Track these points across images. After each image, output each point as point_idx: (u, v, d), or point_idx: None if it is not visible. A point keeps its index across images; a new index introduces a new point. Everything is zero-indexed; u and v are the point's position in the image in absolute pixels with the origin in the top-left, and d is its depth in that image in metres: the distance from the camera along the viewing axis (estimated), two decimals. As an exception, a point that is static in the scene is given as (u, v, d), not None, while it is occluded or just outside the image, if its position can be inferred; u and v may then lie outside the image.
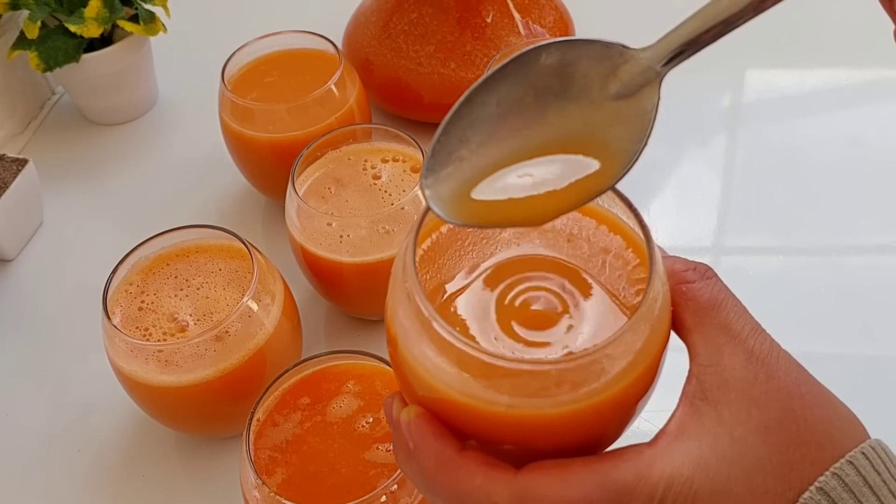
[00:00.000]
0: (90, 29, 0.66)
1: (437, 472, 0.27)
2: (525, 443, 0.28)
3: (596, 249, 0.31)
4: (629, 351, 0.27)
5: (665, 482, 0.26)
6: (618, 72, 0.28)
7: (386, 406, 0.31)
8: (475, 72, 0.66)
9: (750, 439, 0.26)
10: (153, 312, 0.47)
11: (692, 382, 0.28)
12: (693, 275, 0.30)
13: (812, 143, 0.67)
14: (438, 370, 0.27)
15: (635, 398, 0.28)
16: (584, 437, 0.28)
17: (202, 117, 0.70)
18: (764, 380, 0.27)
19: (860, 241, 0.59)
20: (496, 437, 0.28)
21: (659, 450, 0.27)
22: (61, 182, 0.69)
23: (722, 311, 0.29)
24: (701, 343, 0.28)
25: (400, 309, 0.28)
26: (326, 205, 0.52)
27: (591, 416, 0.27)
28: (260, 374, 0.46)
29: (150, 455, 0.51)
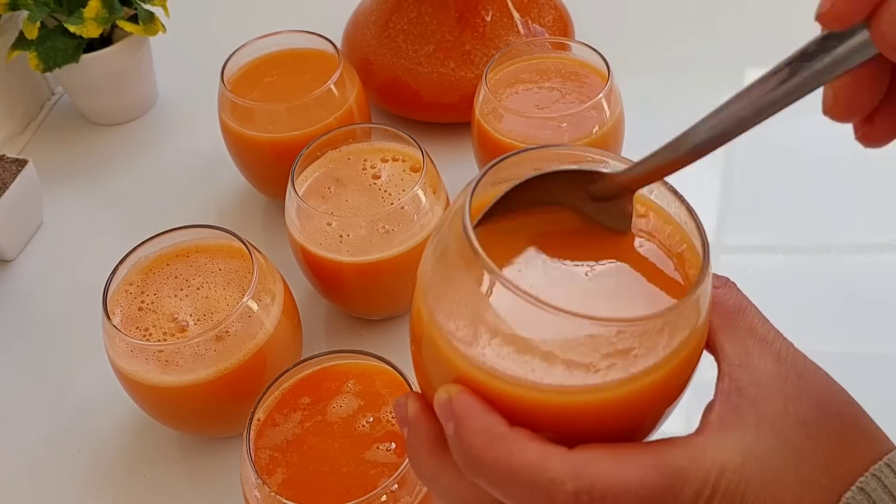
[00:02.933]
0: (89, 29, 0.66)
1: (486, 447, 0.26)
2: (567, 429, 0.27)
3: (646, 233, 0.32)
4: (686, 325, 0.27)
5: (718, 468, 0.26)
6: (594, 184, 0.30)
7: (398, 408, 0.30)
8: (475, 71, 0.66)
9: (791, 433, 0.27)
10: (153, 312, 0.47)
11: (725, 380, 0.28)
12: (717, 281, 0.30)
13: (812, 143, 0.67)
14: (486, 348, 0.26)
15: (680, 384, 0.28)
16: (625, 426, 0.28)
17: (202, 117, 0.70)
18: (795, 378, 0.28)
19: (860, 239, 0.59)
20: (538, 422, 0.27)
21: (708, 438, 0.27)
22: (61, 182, 0.69)
23: (747, 315, 0.29)
24: (729, 344, 0.29)
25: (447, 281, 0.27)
26: (326, 204, 0.52)
27: (637, 400, 0.27)
28: (260, 374, 0.46)
29: (150, 455, 0.51)
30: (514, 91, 0.58)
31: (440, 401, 0.27)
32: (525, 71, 0.60)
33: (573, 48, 0.60)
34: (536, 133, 0.55)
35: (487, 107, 0.57)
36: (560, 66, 0.59)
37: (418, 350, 0.30)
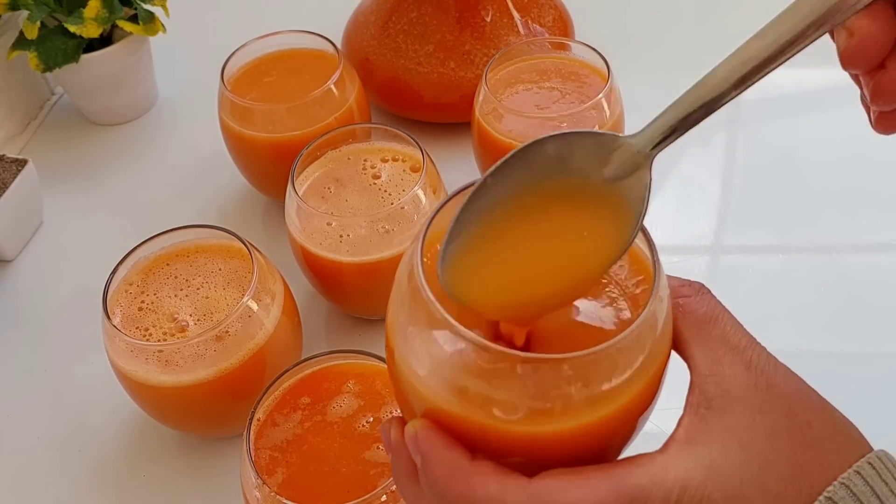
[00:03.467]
0: (89, 29, 0.66)
1: (448, 481, 0.27)
2: (534, 455, 0.27)
3: None
4: (640, 350, 0.27)
5: (679, 485, 0.26)
6: (610, 158, 0.29)
7: (384, 432, 0.31)
8: (474, 71, 0.66)
9: (757, 444, 0.27)
10: (153, 312, 0.47)
11: (695, 392, 0.28)
12: (688, 290, 0.30)
13: (812, 143, 0.67)
14: (445, 379, 0.27)
15: (643, 405, 0.29)
16: (593, 449, 0.28)
17: (202, 117, 0.70)
18: (765, 388, 0.28)
19: (860, 240, 0.59)
20: (504, 450, 0.27)
21: (671, 456, 0.27)
22: (61, 182, 0.69)
23: (719, 324, 0.29)
24: (700, 355, 0.29)
25: (402, 316, 0.28)
26: (326, 204, 0.52)
27: (601, 426, 0.27)
28: (260, 374, 0.46)
29: (150, 455, 0.51)
30: (514, 91, 0.58)
31: (409, 435, 0.28)
32: (525, 71, 0.60)
33: (573, 48, 0.60)
34: (536, 133, 0.54)
35: (487, 107, 0.57)
36: (560, 66, 0.59)
37: (392, 379, 0.31)
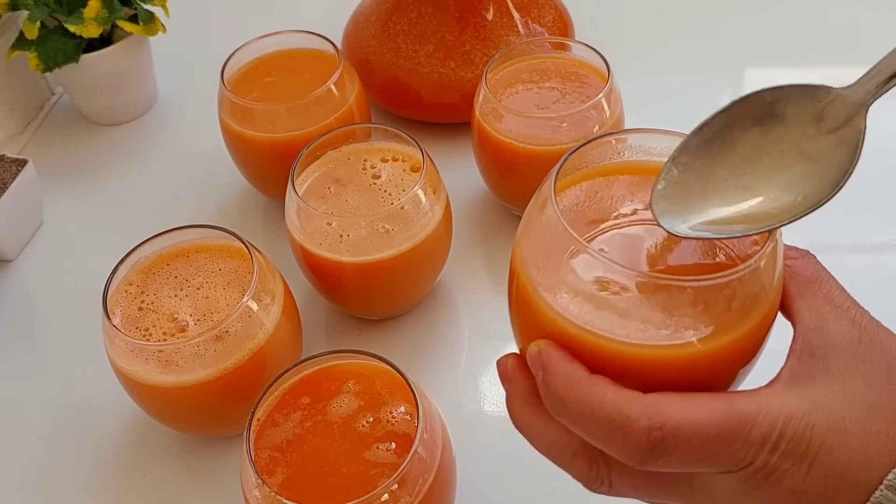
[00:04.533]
0: (89, 29, 0.66)
1: (568, 389, 0.29)
2: (648, 379, 0.29)
3: None
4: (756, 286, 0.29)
5: (785, 415, 0.28)
6: (825, 111, 0.31)
7: (500, 365, 0.33)
8: (474, 71, 0.66)
9: (859, 388, 0.29)
10: (153, 312, 0.47)
11: (799, 342, 0.30)
12: (796, 253, 0.33)
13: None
14: (570, 300, 0.30)
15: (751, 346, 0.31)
16: (703, 379, 0.30)
17: (202, 117, 0.70)
18: (868, 342, 0.30)
19: (860, 239, 0.59)
20: (621, 373, 0.29)
21: (776, 390, 0.29)
22: (61, 182, 0.69)
23: (824, 284, 0.32)
24: (805, 311, 0.31)
25: (534, 243, 0.31)
26: (326, 204, 0.52)
27: (713, 356, 0.29)
28: (260, 374, 0.46)
29: (150, 455, 0.51)
30: (514, 91, 0.58)
31: (531, 354, 0.31)
32: (525, 71, 0.60)
33: (573, 48, 0.60)
34: (536, 133, 0.55)
35: (487, 107, 0.57)
36: (560, 66, 0.59)
37: (514, 310, 0.34)
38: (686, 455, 0.28)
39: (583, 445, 0.31)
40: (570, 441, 0.31)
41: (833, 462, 0.28)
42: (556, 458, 0.32)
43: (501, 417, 0.51)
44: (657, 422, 0.28)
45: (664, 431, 0.28)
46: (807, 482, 0.28)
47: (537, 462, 0.48)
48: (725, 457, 0.28)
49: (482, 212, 0.64)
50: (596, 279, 0.30)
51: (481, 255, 0.61)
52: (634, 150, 0.34)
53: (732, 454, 0.28)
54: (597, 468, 0.31)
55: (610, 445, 0.29)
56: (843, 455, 0.28)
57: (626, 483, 0.31)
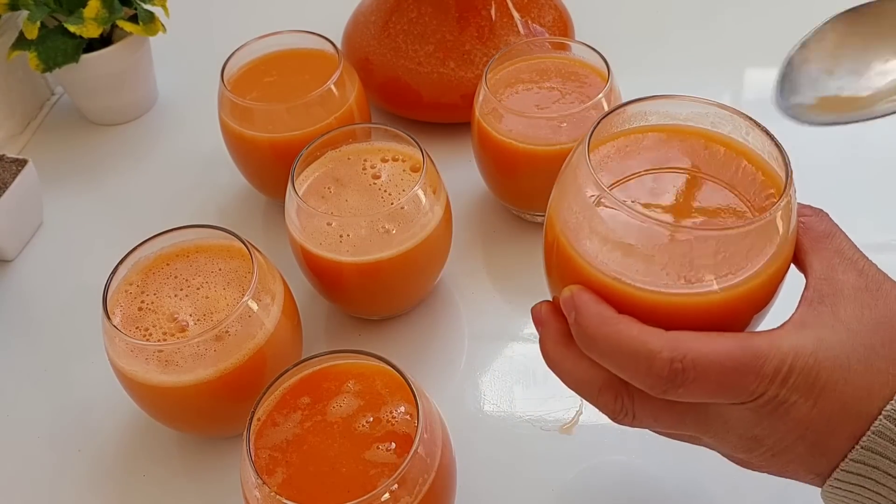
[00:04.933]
0: (89, 29, 0.66)
1: (598, 327, 0.32)
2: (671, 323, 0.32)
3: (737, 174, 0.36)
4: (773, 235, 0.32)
5: (794, 352, 0.30)
6: None
7: (534, 311, 0.36)
8: (474, 71, 0.66)
9: (864, 331, 0.31)
10: (153, 312, 0.47)
11: (809, 289, 0.33)
12: (810, 211, 0.35)
13: (812, 143, 0.67)
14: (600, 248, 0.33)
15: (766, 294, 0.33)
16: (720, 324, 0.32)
17: (202, 117, 0.70)
18: (874, 289, 0.32)
19: (860, 240, 0.59)
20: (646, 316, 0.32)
21: (787, 331, 0.32)
22: (61, 182, 0.69)
23: (835, 239, 0.34)
24: (817, 262, 0.33)
25: (568, 198, 0.34)
26: (326, 204, 0.52)
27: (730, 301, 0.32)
28: (260, 374, 0.46)
29: (150, 455, 0.51)
30: (514, 91, 0.58)
31: (564, 297, 0.34)
32: (525, 71, 0.60)
33: (573, 48, 0.60)
34: (536, 133, 0.55)
35: (487, 107, 0.57)
36: (560, 66, 0.59)
37: (548, 258, 0.36)
38: (704, 385, 0.31)
39: (609, 380, 0.33)
40: (598, 376, 0.34)
41: (838, 395, 0.31)
42: (584, 391, 0.35)
43: (501, 417, 0.51)
44: (678, 354, 0.30)
45: (684, 363, 0.30)
46: (813, 413, 0.31)
47: (537, 462, 0.48)
48: (739, 388, 0.31)
49: (482, 212, 0.64)
50: (621, 228, 0.32)
51: (481, 255, 0.61)
52: (661, 116, 0.37)
53: (746, 385, 0.31)
54: (622, 400, 0.33)
55: (635, 376, 0.32)
56: (846, 389, 0.31)
57: (647, 413, 0.33)
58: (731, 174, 0.36)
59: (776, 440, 0.32)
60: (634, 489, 0.47)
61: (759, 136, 0.35)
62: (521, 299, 0.58)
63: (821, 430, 0.31)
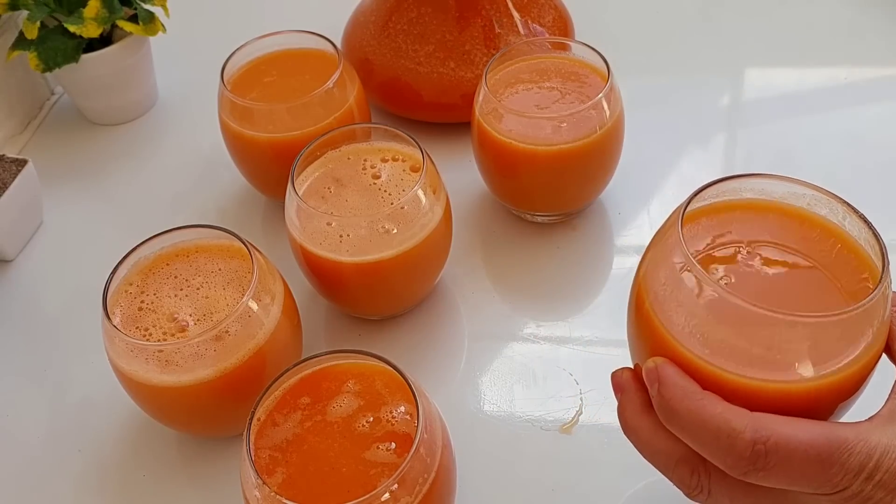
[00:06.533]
0: (89, 29, 0.66)
1: (682, 400, 0.32)
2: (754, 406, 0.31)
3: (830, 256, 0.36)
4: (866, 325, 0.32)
5: (882, 448, 0.30)
6: None
7: (615, 377, 0.36)
8: (474, 71, 0.66)
9: None
10: (153, 312, 0.47)
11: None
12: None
13: (811, 143, 0.67)
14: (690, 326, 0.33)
15: (855, 383, 0.33)
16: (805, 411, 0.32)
17: (202, 117, 0.70)
18: None
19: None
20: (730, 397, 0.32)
21: (876, 424, 0.31)
22: (61, 182, 0.69)
23: None
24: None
25: (661, 269, 0.34)
26: (326, 204, 0.52)
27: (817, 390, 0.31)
28: (260, 374, 0.46)
29: (150, 455, 0.51)
30: (514, 91, 0.58)
31: (648, 368, 0.33)
32: (525, 71, 0.60)
33: (573, 48, 0.60)
34: (536, 133, 0.55)
35: (487, 107, 0.57)
36: (560, 66, 0.59)
37: (633, 328, 0.37)
38: (786, 471, 0.30)
39: (687, 454, 0.33)
40: (675, 449, 0.33)
41: None
42: (660, 464, 0.34)
43: (501, 417, 0.51)
44: (762, 436, 0.30)
45: (767, 446, 0.30)
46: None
47: (537, 462, 0.48)
48: (822, 478, 0.30)
49: (482, 212, 0.64)
50: (710, 306, 0.32)
51: (481, 255, 0.61)
52: (756, 193, 0.37)
53: (829, 477, 0.30)
54: (698, 476, 0.33)
55: (715, 454, 0.31)
56: None
57: (724, 493, 0.33)
58: (826, 258, 0.35)
59: None
60: (634, 489, 0.47)
61: (855, 222, 0.35)
62: (522, 299, 0.58)
63: None
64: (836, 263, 0.35)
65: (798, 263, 0.35)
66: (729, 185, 0.37)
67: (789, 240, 0.36)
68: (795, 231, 0.36)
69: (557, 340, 0.55)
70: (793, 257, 0.36)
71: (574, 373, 0.52)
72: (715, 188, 0.36)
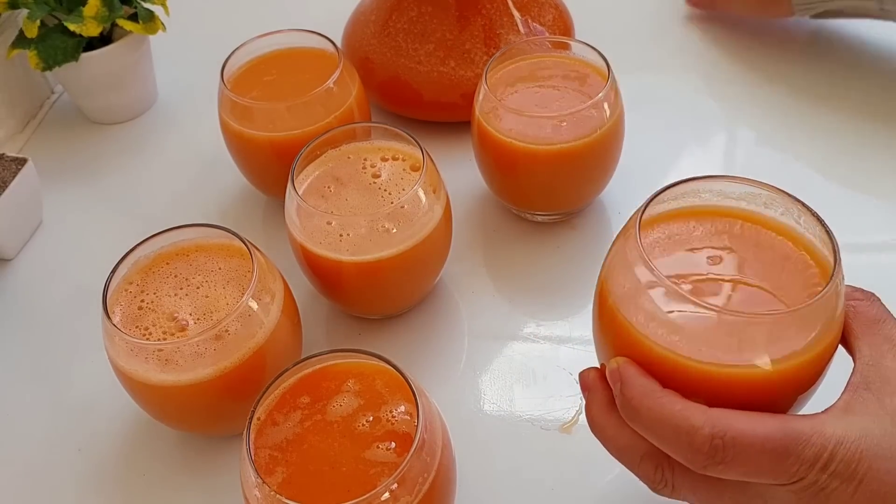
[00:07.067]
0: (89, 28, 0.66)
1: (642, 399, 0.33)
2: (713, 398, 0.33)
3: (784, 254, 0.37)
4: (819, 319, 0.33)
5: (836, 439, 0.31)
6: None
7: (582, 377, 0.38)
8: (475, 70, 0.66)
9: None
10: (153, 312, 0.46)
11: (857, 375, 0.33)
12: (861, 295, 0.36)
13: (810, 143, 0.67)
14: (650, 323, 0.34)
15: (811, 375, 0.34)
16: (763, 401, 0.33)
17: (202, 116, 0.70)
18: None
19: (860, 239, 0.59)
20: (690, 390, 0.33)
21: (831, 416, 0.32)
22: (61, 181, 0.69)
23: (886, 325, 0.34)
24: (866, 348, 0.34)
25: (621, 274, 0.36)
26: (326, 203, 0.52)
27: (774, 380, 0.33)
28: (260, 373, 0.46)
29: (150, 454, 0.51)
30: (514, 90, 0.58)
31: (610, 369, 0.35)
32: (525, 70, 0.60)
33: (573, 47, 0.60)
34: (536, 133, 0.55)
35: (487, 106, 0.56)
36: (560, 66, 0.59)
37: (598, 327, 0.38)
38: (743, 464, 0.31)
39: (651, 450, 0.34)
40: (639, 445, 0.35)
41: (878, 485, 0.31)
42: (626, 459, 0.36)
43: (501, 417, 0.51)
44: (719, 430, 0.31)
45: (725, 440, 0.31)
46: (853, 500, 0.31)
47: (537, 461, 0.48)
48: (779, 470, 0.31)
49: (482, 211, 0.64)
50: (672, 307, 0.34)
51: (481, 254, 0.61)
52: (714, 194, 0.38)
53: (786, 468, 0.31)
54: (661, 471, 0.34)
55: (676, 449, 0.32)
56: (887, 479, 0.31)
57: (686, 486, 0.34)
58: (780, 256, 0.37)
59: None
60: (634, 489, 0.47)
61: (809, 221, 0.36)
62: (521, 299, 0.58)
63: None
64: (792, 263, 0.36)
65: (755, 264, 0.37)
66: (688, 187, 0.38)
67: (747, 241, 0.37)
68: (752, 232, 0.38)
69: (557, 340, 0.55)
70: (750, 258, 0.37)
71: (574, 372, 0.52)
72: (673, 190, 0.37)
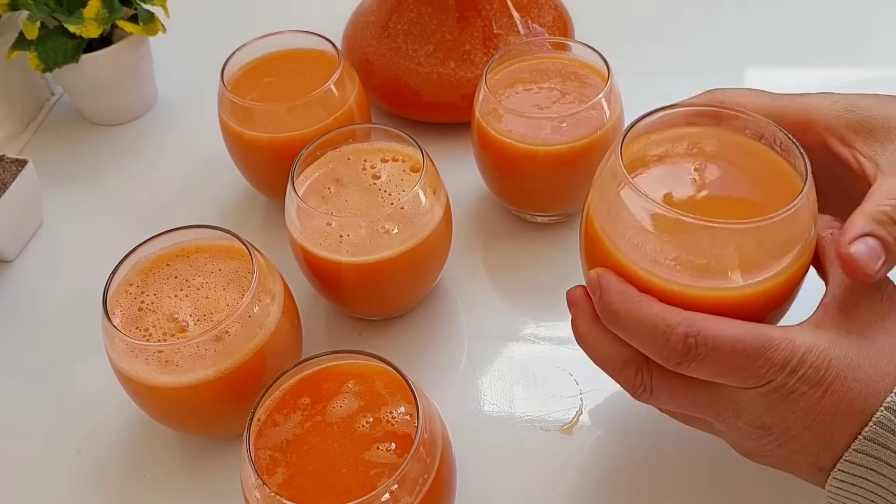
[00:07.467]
0: (89, 29, 0.66)
1: (621, 303, 0.35)
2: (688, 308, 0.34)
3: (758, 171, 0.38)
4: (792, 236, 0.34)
5: (805, 347, 0.33)
6: None
7: (569, 294, 0.39)
8: (474, 71, 0.66)
9: (876, 337, 0.34)
10: (153, 313, 0.47)
11: (828, 296, 0.35)
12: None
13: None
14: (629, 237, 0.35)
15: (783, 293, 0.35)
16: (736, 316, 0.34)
17: (202, 117, 0.70)
18: (888, 301, 0.35)
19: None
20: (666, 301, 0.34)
21: (801, 328, 0.34)
22: (61, 182, 0.69)
23: None
24: (839, 271, 0.35)
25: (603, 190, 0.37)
26: (326, 205, 0.52)
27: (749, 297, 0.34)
28: (260, 375, 0.46)
29: (150, 455, 0.51)
30: (514, 91, 0.58)
31: (590, 278, 0.37)
32: (525, 71, 0.60)
33: (573, 48, 0.60)
34: (536, 133, 0.55)
35: (487, 107, 0.57)
36: (560, 66, 0.59)
37: (583, 246, 0.40)
38: (714, 363, 0.33)
39: (631, 356, 0.36)
40: (621, 353, 0.36)
41: (845, 391, 0.32)
42: (608, 367, 0.38)
43: (501, 418, 0.51)
44: (693, 330, 0.33)
45: (698, 339, 0.33)
46: (821, 405, 0.32)
47: (537, 462, 0.48)
48: (749, 371, 0.33)
49: (482, 212, 0.64)
50: (647, 220, 0.35)
51: (481, 255, 0.61)
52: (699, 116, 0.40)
53: (755, 370, 0.32)
54: (641, 375, 0.36)
55: (652, 348, 0.34)
56: (853, 386, 0.32)
57: (664, 389, 0.36)
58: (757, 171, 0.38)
59: (784, 429, 0.34)
60: (634, 489, 0.47)
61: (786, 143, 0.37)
62: (521, 299, 0.58)
63: (827, 423, 0.33)
64: (763, 179, 0.38)
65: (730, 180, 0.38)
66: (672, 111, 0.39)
67: (724, 157, 0.38)
68: (729, 150, 0.39)
69: (557, 340, 0.55)
70: (725, 173, 0.38)
71: (574, 373, 0.52)
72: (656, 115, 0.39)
